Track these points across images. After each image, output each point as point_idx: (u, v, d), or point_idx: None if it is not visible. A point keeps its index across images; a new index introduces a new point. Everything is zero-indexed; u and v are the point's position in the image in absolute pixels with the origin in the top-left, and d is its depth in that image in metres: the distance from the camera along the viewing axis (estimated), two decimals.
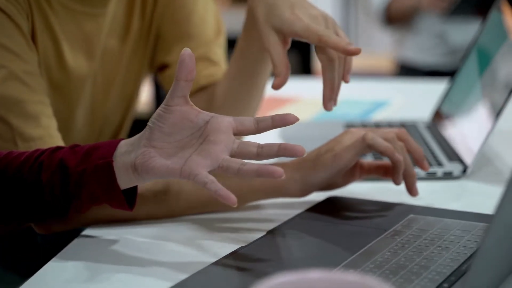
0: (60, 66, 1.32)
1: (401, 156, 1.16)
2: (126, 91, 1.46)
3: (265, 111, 1.82)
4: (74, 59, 1.33)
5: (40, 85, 1.23)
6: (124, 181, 1.01)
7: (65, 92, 1.32)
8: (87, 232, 1.12)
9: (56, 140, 1.21)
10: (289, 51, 1.31)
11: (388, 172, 1.20)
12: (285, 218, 1.13)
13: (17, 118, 1.19)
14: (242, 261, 0.98)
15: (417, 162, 1.20)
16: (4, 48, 1.20)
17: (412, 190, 1.19)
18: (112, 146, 1.01)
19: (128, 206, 1.03)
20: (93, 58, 1.36)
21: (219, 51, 1.47)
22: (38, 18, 1.27)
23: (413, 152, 1.20)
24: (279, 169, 0.97)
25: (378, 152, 1.16)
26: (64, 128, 1.30)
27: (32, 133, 1.20)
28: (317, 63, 3.12)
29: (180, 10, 1.43)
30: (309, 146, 1.53)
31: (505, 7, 1.46)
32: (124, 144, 1.01)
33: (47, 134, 1.21)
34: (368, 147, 1.16)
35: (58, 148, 1.07)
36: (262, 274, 0.94)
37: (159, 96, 3.00)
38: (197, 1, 1.45)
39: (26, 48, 1.23)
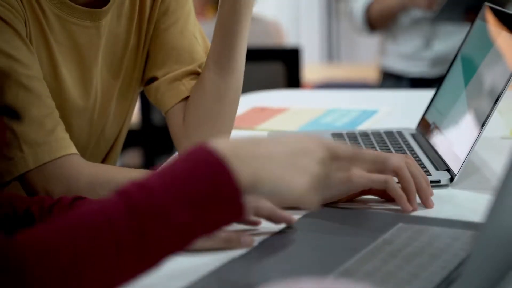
0: (53, 76, 1.32)
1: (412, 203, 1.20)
2: (120, 107, 1.46)
3: (253, 123, 1.83)
4: (68, 70, 1.33)
5: (44, 89, 1.24)
6: None
7: (59, 102, 1.33)
8: None
9: (62, 143, 1.22)
10: (277, 63, 1.32)
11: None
12: (276, 228, 1.13)
13: (21, 124, 1.20)
14: (234, 272, 0.99)
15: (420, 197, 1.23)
16: (5, 54, 1.20)
17: (426, 204, 1.22)
18: None
19: None
20: (86, 72, 1.36)
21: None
22: (33, 26, 1.27)
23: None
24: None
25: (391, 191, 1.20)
26: None
27: (37, 138, 1.20)
28: (304, 75, 3.13)
29: (173, 27, 1.45)
30: None
31: (489, 16, 1.48)
32: None
33: (53, 137, 1.21)
34: (384, 183, 1.18)
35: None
36: (254, 284, 0.95)
37: (145, 107, 3.00)
38: (188, 18, 1.46)
39: (27, 53, 1.23)
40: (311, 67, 4.65)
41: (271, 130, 1.75)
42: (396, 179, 1.20)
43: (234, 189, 0.82)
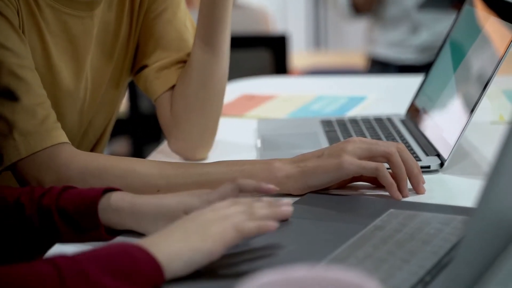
0: (47, 67, 1.31)
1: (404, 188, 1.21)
2: (110, 96, 1.46)
3: (242, 110, 1.83)
4: (61, 60, 1.33)
5: (35, 78, 1.23)
6: None
7: (53, 93, 1.32)
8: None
9: (54, 133, 1.22)
10: (264, 50, 1.33)
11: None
12: None
13: (12, 112, 1.19)
14: (226, 260, 0.98)
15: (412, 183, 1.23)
16: None
17: (417, 190, 1.22)
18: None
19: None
20: (80, 62, 1.35)
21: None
22: (26, 16, 1.27)
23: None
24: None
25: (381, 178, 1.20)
26: None
27: (29, 127, 1.20)
28: (291, 62, 3.13)
29: (163, 15, 1.44)
30: (285, 142, 1.54)
31: (477, 1, 1.48)
32: None
33: (45, 127, 1.21)
34: (375, 170, 1.19)
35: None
36: (245, 273, 0.95)
37: (133, 95, 2.99)
38: (178, 6, 1.46)
39: (19, 43, 1.23)
40: (299, 54, 4.65)
41: (260, 117, 1.75)
42: (387, 165, 1.21)
43: (150, 258, 0.91)
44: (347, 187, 1.25)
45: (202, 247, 0.94)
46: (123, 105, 2.99)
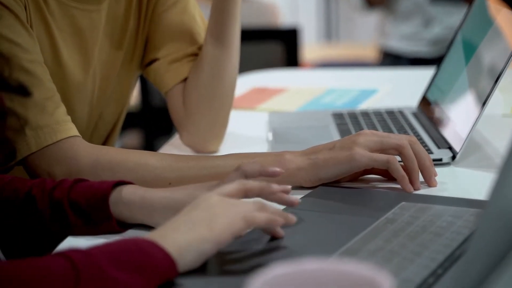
0: (55, 61, 1.32)
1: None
2: (120, 89, 1.46)
3: (253, 102, 1.83)
4: (69, 55, 1.33)
5: (44, 72, 1.24)
6: None
7: (61, 86, 1.32)
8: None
9: (64, 126, 1.22)
10: (275, 43, 1.33)
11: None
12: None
13: (23, 107, 1.20)
14: (238, 253, 0.99)
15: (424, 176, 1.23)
16: (5, 39, 1.20)
17: (429, 183, 1.22)
18: None
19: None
20: (88, 55, 1.36)
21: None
22: (34, 11, 1.27)
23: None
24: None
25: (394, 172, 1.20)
26: None
27: (39, 121, 1.20)
28: (303, 55, 3.13)
29: (173, 9, 1.44)
30: (297, 135, 1.54)
31: None
32: None
33: (54, 120, 1.22)
34: (387, 162, 1.18)
35: None
36: (257, 266, 0.95)
37: (145, 89, 3.00)
38: (189, 1, 1.47)
39: (28, 38, 1.23)
40: (310, 47, 4.64)
41: (271, 110, 1.75)
42: (399, 158, 1.20)
43: (163, 252, 0.91)
44: (358, 180, 1.25)
45: (210, 237, 0.93)
46: (135, 98, 3.00)
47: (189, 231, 0.94)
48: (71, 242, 1.09)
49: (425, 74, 1.69)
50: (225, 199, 0.97)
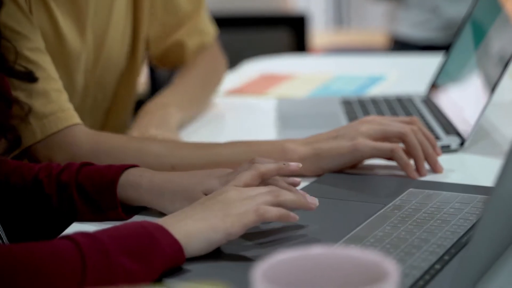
0: (55, 35, 1.32)
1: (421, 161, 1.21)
2: (115, 53, 1.47)
3: (261, 89, 1.83)
4: (66, 25, 1.34)
5: (47, 60, 1.24)
6: None
7: (61, 58, 1.33)
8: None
9: (67, 114, 1.23)
10: (283, 29, 1.33)
11: None
12: None
13: (27, 96, 1.20)
14: (245, 239, 0.99)
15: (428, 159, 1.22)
16: (5, 27, 1.20)
17: (435, 169, 1.22)
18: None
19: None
20: (82, 21, 1.37)
21: (204, 19, 1.61)
22: None
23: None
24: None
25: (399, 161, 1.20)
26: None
27: (44, 110, 1.21)
28: (311, 40, 3.12)
29: None
30: (305, 121, 1.54)
31: None
32: None
33: (59, 108, 1.22)
34: (390, 151, 1.18)
35: None
36: (264, 252, 0.95)
37: (153, 76, 3.00)
38: None
39: (27, 25, 1.23)
40: (320, 33, 4.63)
41: (280, 96, 1.75)
42: (402, 145, 1.20)
43: (170, 237, 0.92)
44: (365, 167, 1.24)
45: (221, 227, 0.94)
46: (144, 85, 3.00)
47: (201, 220, 0.94)
48: (76, 228, 1.09)
49: (434, 61, 1.68)
50: (243, 192, 0.97)
